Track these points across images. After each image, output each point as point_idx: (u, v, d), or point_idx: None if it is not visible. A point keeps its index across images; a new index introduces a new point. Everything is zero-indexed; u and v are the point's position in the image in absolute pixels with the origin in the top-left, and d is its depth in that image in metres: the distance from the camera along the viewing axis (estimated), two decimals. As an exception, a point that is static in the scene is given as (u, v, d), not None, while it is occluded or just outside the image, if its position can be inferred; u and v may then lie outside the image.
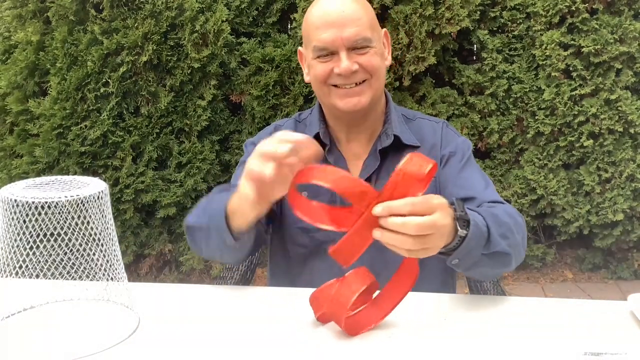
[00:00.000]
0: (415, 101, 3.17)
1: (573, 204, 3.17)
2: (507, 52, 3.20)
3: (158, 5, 3.00)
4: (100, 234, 0.88)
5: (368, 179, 1.21)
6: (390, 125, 1.23)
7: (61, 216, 0.86)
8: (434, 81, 3.22)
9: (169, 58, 3.05)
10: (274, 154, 0.85)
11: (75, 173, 3.02)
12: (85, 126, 3.01)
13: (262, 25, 3.36)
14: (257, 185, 0.88)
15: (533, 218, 3.31)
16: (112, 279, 0.92)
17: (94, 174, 3.06)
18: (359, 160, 1.24)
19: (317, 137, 1.23)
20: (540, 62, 3.10)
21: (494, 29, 3.25)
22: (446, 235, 0.86)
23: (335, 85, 1.16)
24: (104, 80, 2.99)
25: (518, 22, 3.17)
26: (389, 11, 3.00)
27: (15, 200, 0.82)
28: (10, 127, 3.17)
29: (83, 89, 2.99)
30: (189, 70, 3.07)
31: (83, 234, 0.88)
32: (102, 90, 2.99)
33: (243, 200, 0.95)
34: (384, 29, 1.25)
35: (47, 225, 0.86)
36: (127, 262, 3.21)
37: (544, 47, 3.06)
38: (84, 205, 0.85)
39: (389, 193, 0.81)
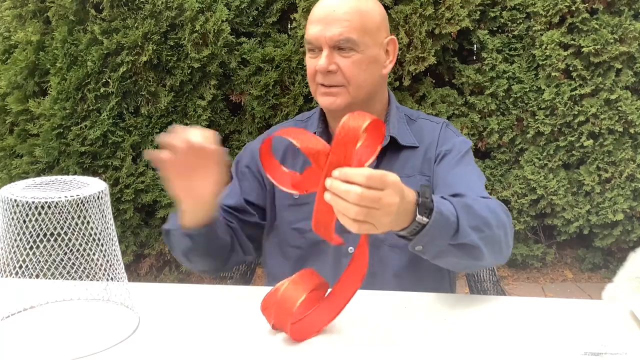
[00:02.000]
0: (415, 101, 3.17)
1: (573, 204, 3.17)
2: (507, 52, 3.20)
3: (158, 5, 3.00)
4: (100, 233, 0.88)
5: None
6: (388, 125, 1.23)
7: (61, 216, 0.86)
8: (434, 81, 3.22)
9: (169, 58, 3.05)
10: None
11: (75, 173, 3.02)
12: (85, 126, 3.01)
13: (262, 25, 3.36)
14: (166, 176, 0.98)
15: (533, 218, 3.31)
16: (112, 279, 0.92)
17: (94, 174, 3.06)
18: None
19: None
20: (540, 62, 3.10)
21: (494, 29, 3.25)
22: (394, 214, 0.84)
23: (319, 84, 1.17)
24: (104, 80, 2.99)
25: (518, 22, 3.17)
26: (389, 11, 3.00)
27: (15, 200, 0.82)
28: (10, 127, 3.17)
29: (83, 89, 3.00)
30: (189, 70, 3.07)
31: (83, 234, 0.88)
32: (102, 90, 2.99)
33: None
34: (391, 37, 1.22)
35: (47, 225, 0.86)
36: (127, 262, 3.21)
37: (544, 47, 3.06)
38: (84, 205, 0.85)
39: (336, 150, 0.82)
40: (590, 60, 3.00)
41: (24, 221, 0.85)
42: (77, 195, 0.84)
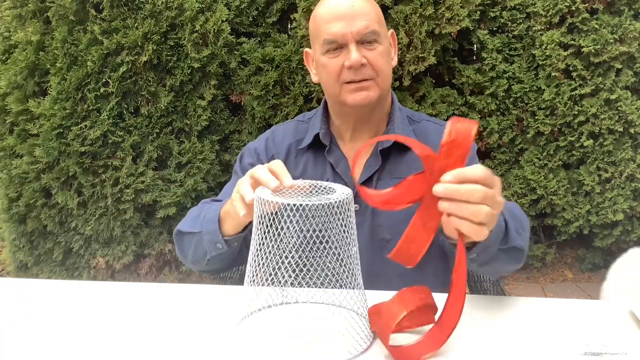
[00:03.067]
0: (415, 101, 3.17)
1: (573, 204, 3.17)
2: (507, 52, 3.20)
3: (158, 5, 3.00)
4: (346, 239, 0.84)
5: (369, 179, 1.21)
6: (392, 126, 1.23)
7: (326, 219, 0.82)
8: (434, 81, 3.22)
9: (169, 58, 3.05)
10: (244, 197, 0.90)
11: (75, 173, 3.02)
12: (85, 126, 3.01)
13: (262, 25, 3.36)
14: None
15: (533, 218, 3.31)
16: (354, 287, 0.86)
17: (94, 174, 3.06)
18: (362, 159, 1.24)
19: (317, 137, 1.24)
20: (540, 62, 3.10)
21: (494, 29, 3.26)
22: (498, 214, 0.79)
23: (346, 82, 1.16)
24: (104, 80, 2.99)
25: (518, 22, 3.17)
26: (389, 11, 3.00)
27: (295, 205, 0.79)
28: (10, 127, 3.17)
29: (83, 89, 2.99)
30: (189, 70, 3.07)
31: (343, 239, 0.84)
32: (102, 90, 2.99)
33: (233, 209, 0.98)
34: (391, 30, 1.25)
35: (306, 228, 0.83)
36: (127, 262, 3.21)
37: (544, 47, 3.06)
38: (339, 208, 0.81)
39: (448, 154, 0.75)
40: (590, 60, 3.00)
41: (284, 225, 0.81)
42: (338, 200, 0.80)
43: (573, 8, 2.98)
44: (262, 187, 0.89)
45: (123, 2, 2.99)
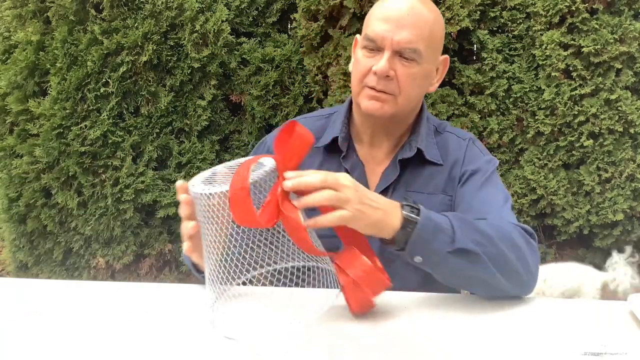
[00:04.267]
0: (415, 101, 3.17)
1: (573, 204, 3.17)
2: (507, 52, 3.20)
3: (158, 5, 3.00)
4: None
5: (386, 190, 1.18)
6: (416, 137, 1.19)
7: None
8: (434, 81, 3.22)
9: (169, 58, 3.05)
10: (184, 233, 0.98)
11: (75, 173, 3.02)
12: (85, 126, 3.01)
13: (262, 25, 3.36)
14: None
15: (533, 218, 3.31)
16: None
17: (94, 174, 3.06)
18: (380, 166, 1.21)
19: (334, 141, 1.21)
20: (540, 62, 3.10)
21: (494, 29, 3.25)
22: (361, 191, 0.90)
23: (368, 86, 1.12)
24: (104, 80, 2.99)
25: (518, 22, 3.17)
26: (389, 11, 3.00)
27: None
28: (10, 127, 3.17)
29: (83, 89, 2.99)
30: (189, 70, 3.07)
31: None
32: (102, 90, 2.99)
33: None
34: (445, 56, 1.19)
35: None
36: (127, 262, 3.21)
37: (544, 47, 3.06)
38: None
39: (282, 152, 0.89)
40: (590, 60, 3.00)
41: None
42: None
43: (573, 8, 2.98)
44: (194, 181, 0.92)
45: (123, 2, 2.99)
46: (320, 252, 0.88)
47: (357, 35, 1.20)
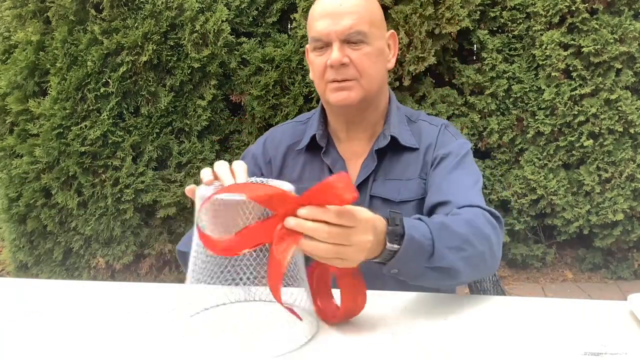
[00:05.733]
0: (415, 101, 3.17)
1: (573, 204, 3.17)
2: (507, 52, 3.20)
3: (158, 5, 3.00)
4: None
5: (366, 180, 1.21)
6: (388, 126, 1.22)
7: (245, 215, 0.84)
8: (434, 81, 3.22)
9: (169, 58, 3.05)
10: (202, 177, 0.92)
11: (75, 173, 3.02)
12: (85, 126, 3.01)
13: (262, 25, 3.36)
14: None
15: (533, 218, 3.31)
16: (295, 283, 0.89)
17: (94, 174, 3.06)
18: (359, 159, 1.23)
19: (313, 139, 1.24)
20: (540, 62, 3.10)
21: (494, 29, 3.26)
22: (365, 251, 0.82)
23: (329, 81, 1.15)
24: (104, 80, 2.99)
25: (518, 22, 3.17)
26: (389, 11, 3.00)
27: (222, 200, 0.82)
28: (10, 127, 3.17)
29: (83, 89, 3.00)
30: (189, 70, 3.07)
31: None
32: (102, 90, 2.99)
33: None
34: (391, 31, 1.23)
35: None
36: (127, 262, 3.21)
37: (544, 47, 3.06)
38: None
39: (307, 200, 0.78)
40: (590, 60, 3.00)
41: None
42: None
43: (573, 8, 2.98)
44: (205, 186, 0.90)
45: (123, 2, 2.99)
46: (282, 304, 0.82)
47: (307, 45, 1.24)
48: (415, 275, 0.94)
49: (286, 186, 0.88)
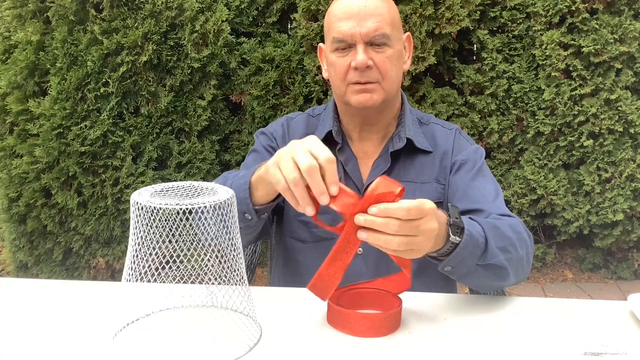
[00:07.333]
0: (415, 101, 3.17)
1: (573, 204, 3.17)
2: (507, 52, 3.20)
3: (158, 5, 3.00)
4: (231, 240, 0.86)
5: None
6: (403, 127, 1.22)
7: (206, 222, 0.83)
8: (434, 81, 3.22)
9: (169, 58, 3.05)
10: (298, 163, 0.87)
11: (75, 173, 3.02)
12: (85, 126, 3.01)
13: (262, 25, 3.36)
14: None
15: (533, 218, 3.31)
16: (234, 285, 0.88)
17: (94, 174, 3.06)
18: (370, 159, 1.24)
19: (329, 134, 1.23)
20: (540, 62, 3.10)
21: (494, 29, 3.25)
22: (433, 239, 0.86)
23: (352, 83, 1.15)
24: (104, 80, 2.99)
25: (518, 22, 3.17)
26: (389, 11, 3.00)
27: (160, 209, 0.80)
28: (10, 127, 3.16)
29: (83, 89, 2.99)
30: (189, 70, 3.07)
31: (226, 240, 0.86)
32: (102, 90, 2.99)
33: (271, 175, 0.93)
34: (407, 33, 1.24)
35: (193, 231, 0.86)
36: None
37: (544, 47, 3.06)
38: (222, 210, 0.82)
39: (368, 202, 0.82)
40: (590, 60, 3.00)
41: (170, 228, 0.84)
42: (218, 201, 0.81)
43: (573, 8, 2.98)
44: (144, 189, 0.88)
45: (123, 2, 2.99)
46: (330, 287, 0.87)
47: (321, 44, 1.25)
48: (468, 271, 0.97)
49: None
